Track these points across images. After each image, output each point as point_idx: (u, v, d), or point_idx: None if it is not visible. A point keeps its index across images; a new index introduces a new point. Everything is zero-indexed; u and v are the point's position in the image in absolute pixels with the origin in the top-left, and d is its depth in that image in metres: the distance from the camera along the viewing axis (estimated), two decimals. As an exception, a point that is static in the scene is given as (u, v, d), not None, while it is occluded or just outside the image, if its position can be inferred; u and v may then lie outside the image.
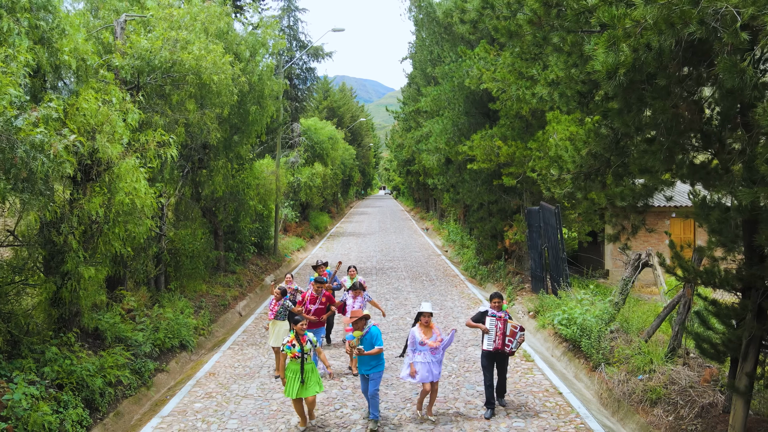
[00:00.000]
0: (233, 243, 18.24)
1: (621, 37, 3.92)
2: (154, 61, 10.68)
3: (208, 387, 9.02)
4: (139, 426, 7.75)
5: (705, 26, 3.56)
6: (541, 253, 14.49)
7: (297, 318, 7.47)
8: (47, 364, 7.53)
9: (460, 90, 18.14)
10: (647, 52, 3.97)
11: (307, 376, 7.13)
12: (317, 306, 9.44)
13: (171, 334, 10.67)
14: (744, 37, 3.39)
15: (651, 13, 3.59)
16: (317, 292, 9.50)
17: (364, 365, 7.28)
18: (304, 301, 9.52)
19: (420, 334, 7.51)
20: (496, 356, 7.82)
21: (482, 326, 7.78)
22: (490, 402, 7.81)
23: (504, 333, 7.73)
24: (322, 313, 9.51)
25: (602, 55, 4.07)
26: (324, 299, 9.54)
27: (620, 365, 9.04)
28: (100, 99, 8.59)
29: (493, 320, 7.74)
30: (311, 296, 9.52)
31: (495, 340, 7.71)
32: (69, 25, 8.58)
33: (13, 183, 5.93)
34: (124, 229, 8.78)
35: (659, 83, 4.42)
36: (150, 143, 9.54)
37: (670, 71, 4.32)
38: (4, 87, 5.54)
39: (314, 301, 9.46)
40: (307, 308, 9.41)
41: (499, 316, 7.75)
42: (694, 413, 7.18)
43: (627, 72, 4.18)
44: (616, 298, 10.83)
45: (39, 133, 5.80)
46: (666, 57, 4.10)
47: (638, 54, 4.01)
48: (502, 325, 7.73)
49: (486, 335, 7.76)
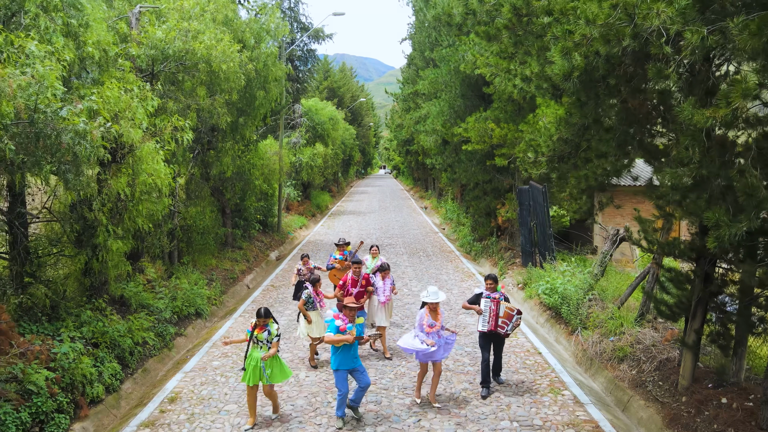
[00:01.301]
0: (240, 221, 19.17)
1: (572, 48, 4.76)
2: (168, 50, 11.47)
3: (223, 348, 10.02)
4: (165, 380, 8.76)
5: (638, 40, 4.40)
6: (531, 229, 15.41)
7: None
8: (83, 325, 8.51)
9: (456, 74, 18.88)
10: (597, 58, 4.81)
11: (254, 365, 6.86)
12: (358, 289, 9.16)
13: (187, 303, 11.66)
14: (668, 50, 4.22)
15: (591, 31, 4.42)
16: (357, 274, 9.20)
17: (349, 359, 6.90)
18: (345, 285, 9.21)
19: (427, 317, 7.57)
20: (491, 337, 7.92)
21: (476, 308, 7.89)
22: (486, 381, 7.92)
23: (497, 314, 7.78)
24: (362, 296, 9.23)
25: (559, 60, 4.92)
26: (363, 281, 9.24)
27: (595, 329, 10.03)
28: (121, 87, 9.42)
29: (487, 301, 7.84)
30: (352, 279, 9.20)
31: (489, 321, 7.79)
32: (92, 19, 9.37)
33: (57, 165, 6.82)
34: (146, 206, 9.69)
35: (610, 82, 5.27)
36: (166, 128, 10.42)
37: (619, 72, 5.16)
38: (51, 82, 6.38)
39: (355, 284, 9.17)
40: (348, 291, 9.14)
41: (493, 298, 7.83)
42: (653, 367, 8.17)
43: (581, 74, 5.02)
44: (596, 270, 11.78)
45: (80, 122, 6.67)
46: (615, 61, 4.94)
47: (590, 60, 4.85)
48: (495, 307, 7.79)
49: (480, 316, 7.87)
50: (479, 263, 18.80)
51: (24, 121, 6.17)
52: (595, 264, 11.98)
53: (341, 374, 6.90)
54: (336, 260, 10.92)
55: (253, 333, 6.96)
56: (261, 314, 6.95)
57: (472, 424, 7.00)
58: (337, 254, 11.00)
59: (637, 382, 8.14)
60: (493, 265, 17.74)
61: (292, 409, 7.50)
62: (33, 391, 6.61)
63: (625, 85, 5.19)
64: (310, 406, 7.59)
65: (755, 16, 3.77)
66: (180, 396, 8.01)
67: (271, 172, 21.20)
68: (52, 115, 6.39)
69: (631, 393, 8.01)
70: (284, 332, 10.75)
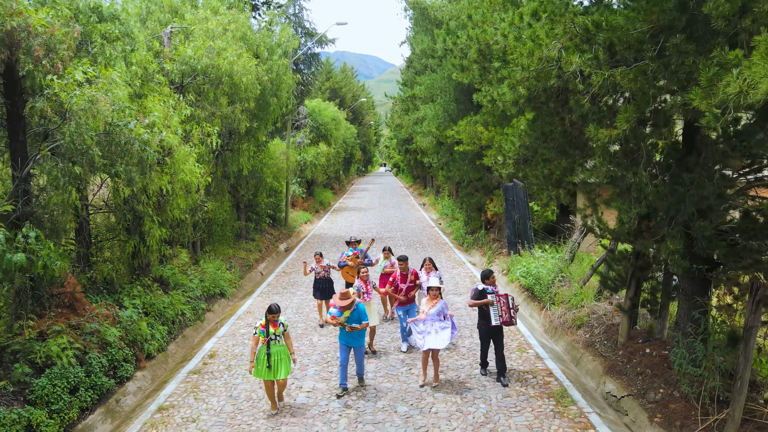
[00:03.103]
0: (252, 215, 21.03)
1: (516, 84, 6.56)
2: (197, 66, 13.30)
3: (247, 320, 11.87)
4: (202, 344, 10.61)
5: (561, 79, 6.19)
6: (515, 222, 17.24)
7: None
8: (135, 298, 10.36)
9: (449, 80, 20.65)
10: (538, 89, 6.60)
11: (276, 359, 7.29)
12: (408, 284, 9.49)
13: (213, 284, 13.51)
14: (580, 87, 6.01)
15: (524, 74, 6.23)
16: (404, 269, 9.55)
17: (351, 339, 7.94)
18: (395, 281, 9.55)
19: (424, 304, 8.16)
20: (494, 332, 8.26)
21: (487, 300, 8.10)
22: (485, 363, 8.62)
23: (509, 306, 8.12)
24: (411, 290, 9.57)
25: (508, 93, 6.72)
26: (412, 277, 9.54)
27: (561, 304, 11.87)
28: (160, 99, 11.24)
29: (493, 296, 8.15)
30: (401, 275, 9.54)
31: (501, 314, 8.06)
32: (139, 43, 11.19)
33: (125, 167, 8.65)
34: (181, 200, 11.52)
35: (550, 106, 7.06)
36: (196, 133, 12.26)
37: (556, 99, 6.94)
38: (126, 103, 8.20)
39: (405, 280, 9.49)
40: (399, 288, 9.49)
41: (497, 292, 8.22)
42: (602, 331, 10.02)
43: (526, 101, 6.81)
44: (566, 256, 13.63)
45: (144, 133, 8.50)
46: (551, 92, 6.72)
47: (532, 91, 6.64)
48: (505, 300, 8.12)
49: (492, 309, 8.09)
50: (470, 254, 20.63)
51: (103, 133, 8.00)
52: (566, 251, 13.82)
53: (342, 347, 8.05)
54: (348, 257, 11.36)
55: (269, 331, 7.35)
56: (273, 310, 7.34)
57: (452, 372, 8.84)
58: (348, 251, 11.49)
59: (588, 342, 9.99)
60: (482, 255, 19.56)
61: (309, 362, 9.35)
62: (109, 342, 8.47)
63: (562, 108, 6.98)
64: (323, 360, 9.44)
65: (633, 67, 5.58)
66: (217, 353, 9.87)
67: (279, 171, 23.03)
68: (123, 128, 8.22)
69: (583, 351, 9.87)
70: (298, 308, 12.60)
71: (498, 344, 8.35)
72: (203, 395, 8.17)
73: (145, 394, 8.69)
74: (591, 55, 5.77)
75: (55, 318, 8.16)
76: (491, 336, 8.36)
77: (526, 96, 6.73)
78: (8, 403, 6.65)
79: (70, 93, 7.31)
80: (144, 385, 8.90)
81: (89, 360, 7.97)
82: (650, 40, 5.64)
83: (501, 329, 8.33)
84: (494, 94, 7.67)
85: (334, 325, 8.09)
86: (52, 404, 6.97)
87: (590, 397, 8.21)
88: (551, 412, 7.51)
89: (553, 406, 7.68)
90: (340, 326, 7.96)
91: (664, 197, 6.11)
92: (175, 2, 15.33)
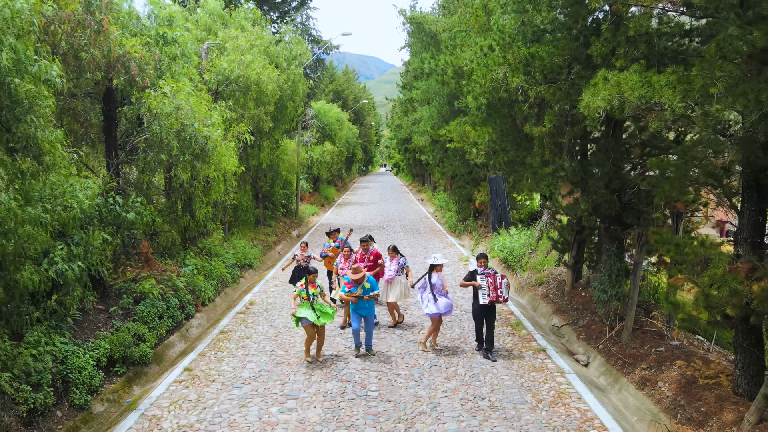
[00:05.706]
0: (269, 204, 23.83)
1: (478, 95, 9.33)
2: (230, 76, 16.10)
3: (273, 283, 14.66)
4: (240, 299, 13.41)
5: (509, 92, 8.94)
6: (497, 208, 20.03)
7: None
8: (188, 263, 13.15)
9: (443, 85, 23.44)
10: (495, 99, 9.35)
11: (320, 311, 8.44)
12: (366, 264, 10.49)
13: (243, 257, 16.31)
14: (520, 97, 8.74)
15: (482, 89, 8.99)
16: (365, 250, 10.69)
17: (362, 309, 8.76)
18: (356, 262, 10.49)
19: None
20: (487, 310, 8.81)
21: (475, 282, 8.66)
22: (480, 340, 9.15)
23: (496, 286, 8.63)
24: (373, 269, 10.51)
25: (472, 101, 9.51)
26: (372, 257, 10.61)
27: (528, 270, 14.67)
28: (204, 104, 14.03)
29: (483, 277, 8.65)
30: (361, 256, 10.63)
31: (489, 294, 8.59)
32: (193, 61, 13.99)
33: (191, 157, 11.45)
34: (221, 186, 14.31)
35: (505, 111, 9.84)
36: (232, 131, 15.06)
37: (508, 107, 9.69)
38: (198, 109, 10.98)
39: (363, 260, 10.58)
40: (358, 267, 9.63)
41: (487, 273, 8.70)
42: (555, 286, 12.82)
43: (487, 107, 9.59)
44: (536, 233, 16.43)
45: (206, 129, 11.30)
46: (503, 101, 9.48)
47: (490, 100, 9.39)
48: (493, 280, 8.64)
49: (480, 291, 8.62)
50: (461, 238, 23.44)
51: (177, 131, 10.80)
52: (536, 229, 16.63)
53: (354, 315, 8.93)
54: (329, 249, 11.99)
55: (308, 290, 8.55)
56: (311, 272, 8.69)
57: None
58: (329, 242, 12.09)
59: (544, 294, 12.79)
60: (470, 239, 22.36)
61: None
62: (178, 287, 11.28)
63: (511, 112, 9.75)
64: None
65: (554, 85, 8.36)
66: (255, 302, 12.68)
67: (291, 166, 25.85)
68: (189, 127, 11.02)
69: (540, 301, 12.67)
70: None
71: (489, 323, 8.84)
72: (251, 324, 10.98)
73: (204, 329, 11.49)
74: (527, 77, 8.57)
75: (141, 269, 10.96)
76: (484, 314, 8.88)
77: (486, 104, 9.52)
78: (122, 319, 9.46)
79: (159, 101, 10.12)
80: (202, 322, 11.70)
81: (167, 298, 10.77)
82: (566, 67, 8.45)
83: (493, 308, 8.82)
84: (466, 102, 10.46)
85: (352, 301, 8.87)
86: (149, 323, 9.77)
87: (540, 328, 11.01)
88: (507, 334, 10.31)
89: (509, 330, 10.49)
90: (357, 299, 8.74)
91: (579, 174, 8.92)
92: (208, 21, 18.15)
